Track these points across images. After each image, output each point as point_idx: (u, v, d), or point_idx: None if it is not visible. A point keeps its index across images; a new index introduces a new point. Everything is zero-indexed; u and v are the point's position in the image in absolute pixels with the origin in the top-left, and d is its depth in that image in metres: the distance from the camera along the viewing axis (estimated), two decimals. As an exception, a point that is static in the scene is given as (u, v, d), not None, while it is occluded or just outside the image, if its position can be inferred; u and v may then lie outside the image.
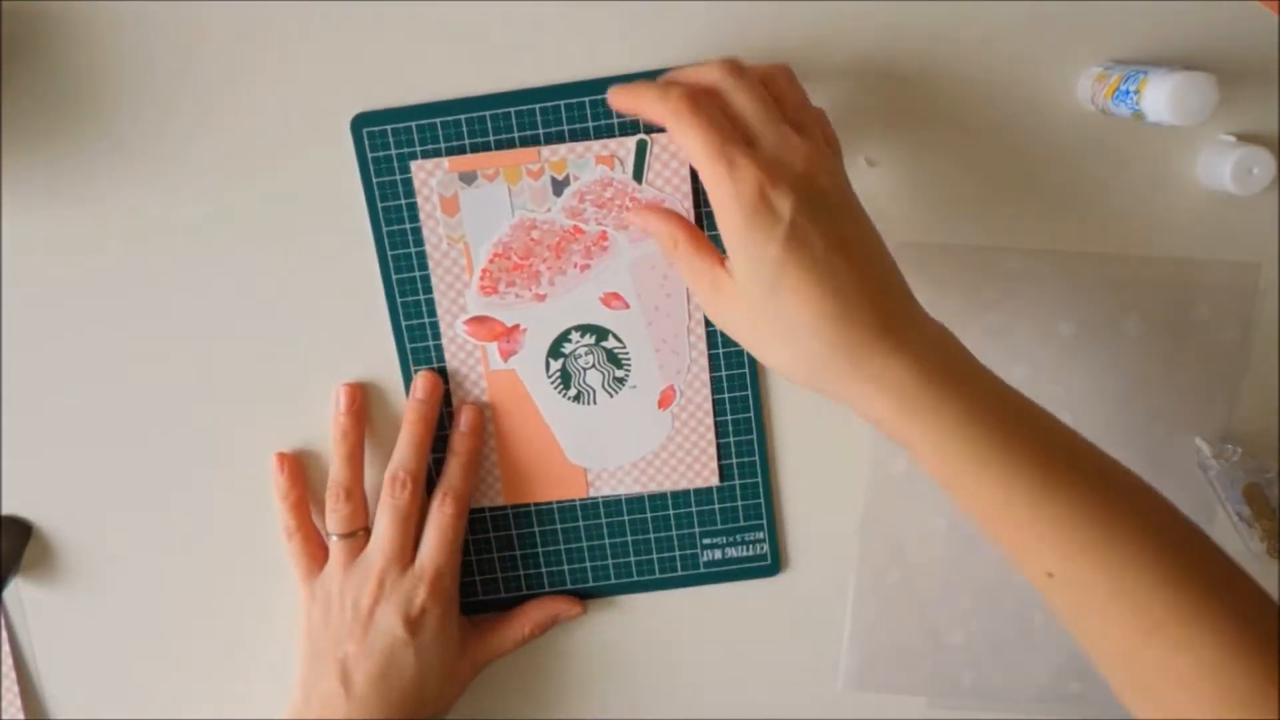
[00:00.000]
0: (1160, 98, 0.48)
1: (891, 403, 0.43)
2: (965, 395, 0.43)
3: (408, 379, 0.57)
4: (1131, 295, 0.57)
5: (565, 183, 0.53)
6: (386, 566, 0.55)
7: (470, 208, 0.54)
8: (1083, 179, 0.55)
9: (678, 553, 0.59)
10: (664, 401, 0.56)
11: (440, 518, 0.55)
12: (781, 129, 0.46)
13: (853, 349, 0.44)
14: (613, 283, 0.55)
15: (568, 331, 0.56)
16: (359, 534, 0.56)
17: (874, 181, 0.55)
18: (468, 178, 0.53)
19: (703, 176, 0.46)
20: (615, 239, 0.54)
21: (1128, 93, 0.50)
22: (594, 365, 0.56)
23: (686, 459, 0.57)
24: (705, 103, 0.46)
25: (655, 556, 0.59)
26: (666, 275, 0.55)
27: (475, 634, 0.58)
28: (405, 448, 0.56)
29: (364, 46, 0.53)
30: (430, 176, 0.53)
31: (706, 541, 0.59)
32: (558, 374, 0.56)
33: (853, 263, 0.44)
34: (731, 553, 0.59)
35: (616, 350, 0.56)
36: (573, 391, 0.57)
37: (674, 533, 0.59)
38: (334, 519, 0.56)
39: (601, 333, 0.56)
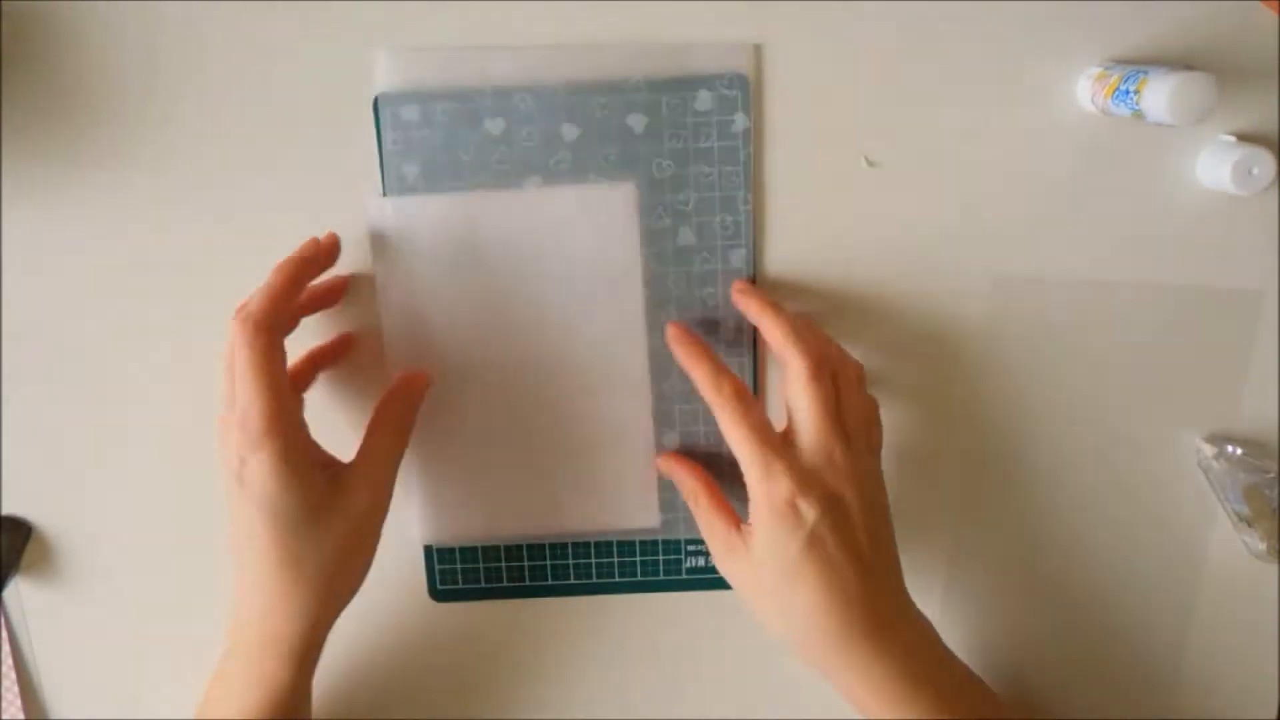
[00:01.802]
0: (1160, 98, 0.48)
1: (870, 695, 0.49)
2: (935, 694, 0.49)
3: None
4: (1133, 299, 0.57)
5: None
6: (225, 415, 0.49)
7: None
8: (1082, 179, 0.55)
9: (661, 557, 0.59)
10: None
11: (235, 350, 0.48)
12: (828, 439, 0.49)
13: (845, 645, 0.48)
14: None
15: None
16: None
17: (874, 181, 0.55)
18: None
19: (744, 470, 0.49)
20: None
21: (1128, 93, 0.50)
22: None
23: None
24: (753, 405, 0.50)
25: (638, 559, 0.59)
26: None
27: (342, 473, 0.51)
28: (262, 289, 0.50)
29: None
30: None
31: (691, 548, 0.59)
32: None
33: (862, 567, 0.48)
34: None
35: None
36: None
37: (659, 537, 0.59)
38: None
39: None
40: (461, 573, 0.60)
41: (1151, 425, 0.58)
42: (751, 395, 0.51)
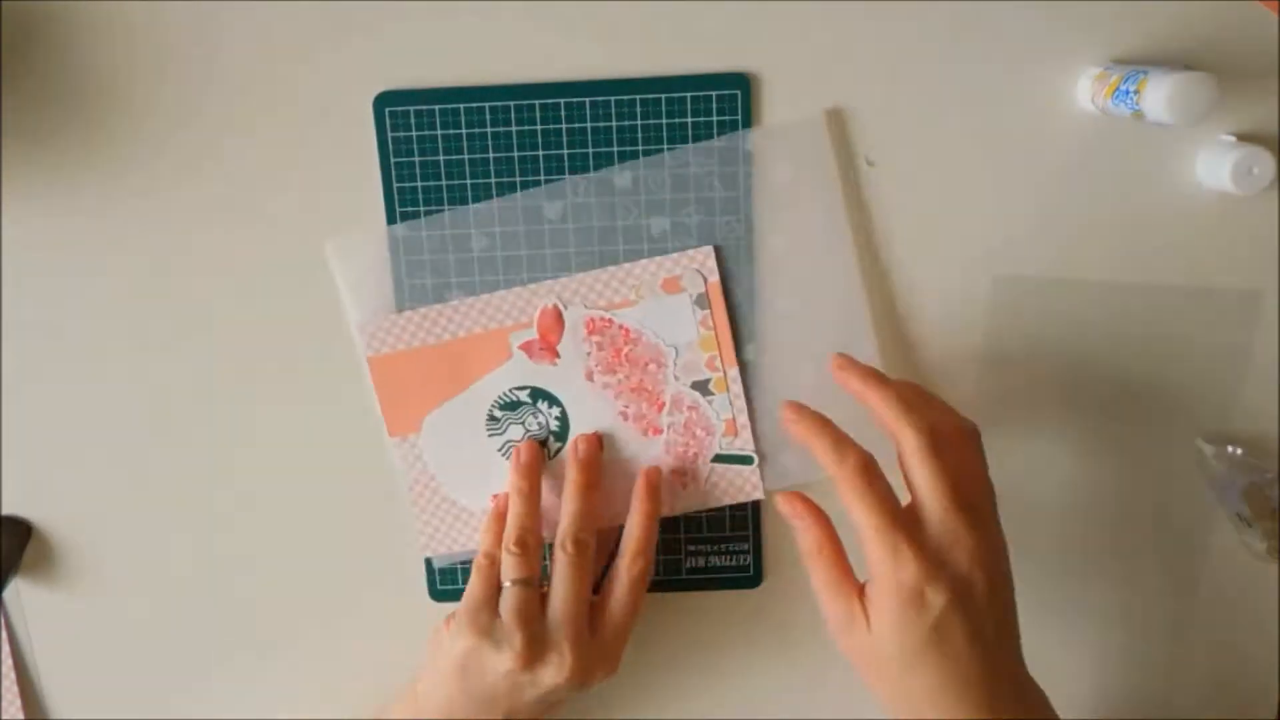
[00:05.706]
0: (1160, 98, 0.48)
1: None
2: None
3: None
4: (1133, 299, 0.57)
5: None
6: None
7: None
8: (1083, 179, 0.55)
9: (661, 557, 0.59)
10: None
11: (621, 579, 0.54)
12: (953, 517, 0.46)
13: None
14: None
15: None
16: (531, 582, 0.53)
17: (874, 181, 0.55)
18: None
19: (866, 549, 0.46)
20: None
21: (1128, 93, 0.50)
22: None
23: None
24: (878, 479, 0.47)
25: None
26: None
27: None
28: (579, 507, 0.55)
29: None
30: None
31: (691, 548, 0.59)
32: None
33: (985, 652, 0.46)
34: (715, 561, 0.59)
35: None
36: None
37: (659, 537, 0.59)
38: (511, 563, 0.53)
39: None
40: (462, 573, 0.60)
41: (1151, 425, 0.58)
42: (877, 469, 0.48)
